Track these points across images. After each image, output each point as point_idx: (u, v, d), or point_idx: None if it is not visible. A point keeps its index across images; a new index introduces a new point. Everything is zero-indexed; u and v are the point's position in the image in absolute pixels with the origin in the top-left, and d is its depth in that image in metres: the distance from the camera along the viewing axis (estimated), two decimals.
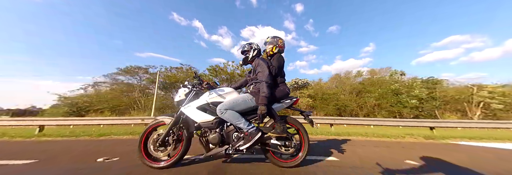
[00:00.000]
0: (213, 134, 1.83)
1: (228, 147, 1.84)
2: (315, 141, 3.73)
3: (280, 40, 2.36)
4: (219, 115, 1.77)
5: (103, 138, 4.37)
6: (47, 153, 2.68)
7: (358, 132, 5.39)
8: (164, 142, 1.88)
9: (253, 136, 1.74)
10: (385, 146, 3.53)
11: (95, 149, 2.96)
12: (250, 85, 2.11)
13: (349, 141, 3.97)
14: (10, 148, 3.23)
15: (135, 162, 1.98)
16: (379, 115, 20.57)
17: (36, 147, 3.27)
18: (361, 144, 3.65)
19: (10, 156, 2.50)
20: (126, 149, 2.85)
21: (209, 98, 1.95)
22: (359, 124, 6.59)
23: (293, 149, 1.93)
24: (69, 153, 2.70)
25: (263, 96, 1.74)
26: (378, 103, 21.72)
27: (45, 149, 3.03)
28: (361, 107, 22.58)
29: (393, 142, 4.09)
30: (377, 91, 22.53)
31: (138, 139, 1.92)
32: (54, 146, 3.27)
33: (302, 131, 2.05)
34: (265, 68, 1.91)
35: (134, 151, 2.05)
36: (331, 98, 23.31)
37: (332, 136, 4.74)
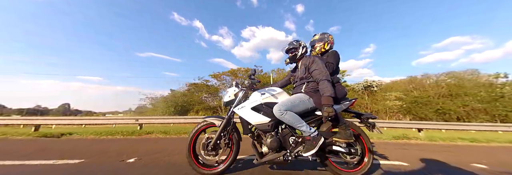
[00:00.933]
0: (270, 137, 1.66)
1: (286, 152, 1.66)
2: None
3: (330, 36, 2.20)
4: (279, 116, 1.61)
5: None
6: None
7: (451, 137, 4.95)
8: (216, 145, 1.74)
9: (317, 141, 1.56)
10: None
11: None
12: (300, 84, 1.94)
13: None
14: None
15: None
16: (475, 120, 18.05)
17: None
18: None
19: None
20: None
21: (262, 98, 1.80)
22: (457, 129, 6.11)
23: (358, 157, 1.72)
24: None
25: (328, 96, 1.56)
26: (484, 107, 18.96)
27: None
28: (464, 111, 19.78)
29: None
30: (479, 94, 19.84)
31: (186, 144, 1.80)
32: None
33: (363, 136, 1.84)
34: (322, 65, 1.74)
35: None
36: (431, 102, 20.81)
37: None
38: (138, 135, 4.59)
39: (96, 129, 5.83)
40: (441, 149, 3.58)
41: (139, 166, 2.03)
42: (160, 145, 3.28)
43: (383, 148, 3.37)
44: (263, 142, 1.74)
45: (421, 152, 3.18)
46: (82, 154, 2.55)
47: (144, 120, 6.51)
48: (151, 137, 4.46)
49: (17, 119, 6.56)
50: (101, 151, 2.75)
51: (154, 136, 4.57)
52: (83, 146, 3.16)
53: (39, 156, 2.38)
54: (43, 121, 6.07)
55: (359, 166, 1.74)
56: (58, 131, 5.15)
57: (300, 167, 2.02)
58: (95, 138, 4.25)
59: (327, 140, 1.68)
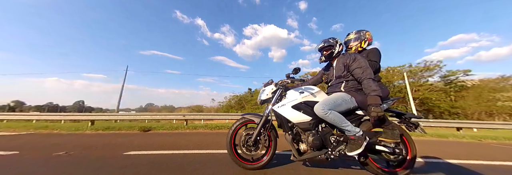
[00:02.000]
0: (312, 136, 1.68)
1: (327, 151, 1.68)
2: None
3: (368, 33, 2.11)
4: (322, 115, 1.61)
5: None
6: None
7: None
8: (255, 142, 1.81)
9: (362, 141, 1.55)
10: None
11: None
12: (338, 83, 1.89)
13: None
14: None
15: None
16: None
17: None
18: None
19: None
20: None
21: (301, 97, 1.80)
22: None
23: (402, 157, 1.69)
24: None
25: (375, 95, 1.52)
26: None
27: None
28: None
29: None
30: None
31: (227, 139, 1.87)
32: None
33: (406, 135, 1.79)
34: (365, 64, 1.69)
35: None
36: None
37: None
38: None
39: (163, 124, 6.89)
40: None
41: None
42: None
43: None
44: (302, 139, 1.77)
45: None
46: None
47: (190, 116, 7.32)
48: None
49: (76, 115, 7.49)
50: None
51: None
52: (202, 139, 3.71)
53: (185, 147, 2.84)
54: (97, 117, 6.93)
55: (402, 165, 1.71)
56: (108, 125, 5.83)
57: (335, 165, 2.03)
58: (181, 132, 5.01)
59: (371, 140, 1.66)
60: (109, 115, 7.30)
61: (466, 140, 5.02)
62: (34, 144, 3.04)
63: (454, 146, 3.93)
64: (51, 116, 7.21)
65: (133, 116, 7.64)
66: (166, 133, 4.76)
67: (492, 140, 5.17)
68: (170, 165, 1.93)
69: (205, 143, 3.20)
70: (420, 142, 4.17)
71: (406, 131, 1.83)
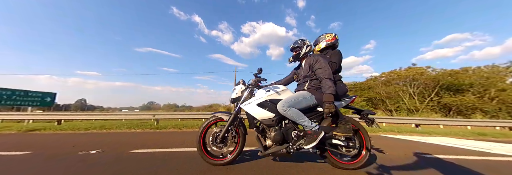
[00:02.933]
0: (274, 131, 1.81)
1: (288, 145, 1.80)
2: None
3: (328, 35, 2.28)
4: (282, 112, 1.74)
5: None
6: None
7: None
8: (223, 138, 1.90)
9: (317, 135, 1.68)
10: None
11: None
12: (303, 82, 2.04)
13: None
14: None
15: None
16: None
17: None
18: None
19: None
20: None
21: (267, 95, 1.93)
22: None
23: (356, 150, 1.84)
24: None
25: (329, 93, 1.67)
26: None
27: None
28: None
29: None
30: None
31: (197, 136, 1.96)
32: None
33: (362, 130, 1.95)
34: (325, 64, 1.84)
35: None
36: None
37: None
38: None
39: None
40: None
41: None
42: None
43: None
44: (267, 135, 1.89)
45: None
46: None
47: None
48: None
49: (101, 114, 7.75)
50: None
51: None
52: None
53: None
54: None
55: (357, 158, 1.87)
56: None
57: (301, 159, 2.16)
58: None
59: (327, 134, 1.80)
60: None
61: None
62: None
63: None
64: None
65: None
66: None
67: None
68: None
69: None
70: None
71: (363, 126, 1.99)
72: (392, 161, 2.21)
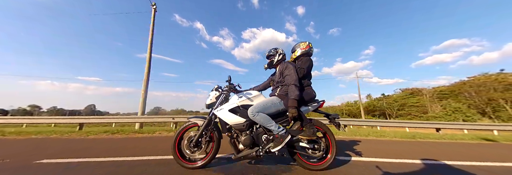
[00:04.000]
0: (245, 136, 1.90)
1: (258, 148, 1.90)
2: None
3: (303, 43, 2.42)
4: (251, 117, 1.85)
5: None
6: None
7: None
8: (197, 143, 1.98)
9: (283, 139, 1.80)
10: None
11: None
12: (276, 87, 2.17)
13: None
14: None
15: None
16: None
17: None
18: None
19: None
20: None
21: (239, 101, 2.04)
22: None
23: (322, 152, 1.96)
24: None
25: (293, 99, 1.79)
26: None
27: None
28: None
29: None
30: None
31: (172, 140, 2.03)
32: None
33: (329, 134, 2.08)
34: (292, 71, 1.97)
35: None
36: None
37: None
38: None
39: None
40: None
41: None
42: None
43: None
44: (239, 140, 1.98)
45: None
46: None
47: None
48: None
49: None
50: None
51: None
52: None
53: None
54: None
55: (323, 160, 1.99)
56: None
57: (274, 162, 2.26)
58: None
59: (295, 137, 1.92)
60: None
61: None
62: None
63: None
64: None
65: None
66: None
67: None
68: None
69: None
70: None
71: (330, 130, 2.12)
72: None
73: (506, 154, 3.26)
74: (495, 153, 3.38)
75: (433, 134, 6.50)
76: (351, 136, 5.08)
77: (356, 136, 5.18)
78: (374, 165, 2.23)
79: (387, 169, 2.08)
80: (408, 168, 2.17)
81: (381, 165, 2.24)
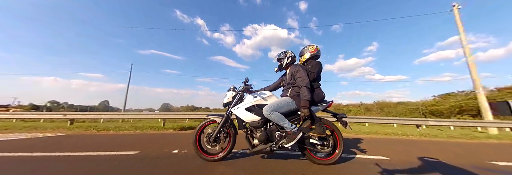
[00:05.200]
0: (260, 132, 2.09)
1: (272, 144, 2.09)
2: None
3: (311, 47, 2.57)
4: (266, 115, 2.03)
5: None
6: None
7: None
8: (216, 138, 2.18)
9: (296, 135, 1.97)
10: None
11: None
12: (287, 88, 2.34)
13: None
14: None
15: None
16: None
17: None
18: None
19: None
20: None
21: (254, 100, 2.22)
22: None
23: (330, 148, 2.13)
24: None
25: (305, 100, 1.96)
26: None
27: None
28: None
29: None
30: None
31: (193, 136, 2.23)
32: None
33: (337, 132, 2.25)
34: (304, 74, 2.13)
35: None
36: None
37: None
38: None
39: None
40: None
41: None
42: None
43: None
44: (254, 136, 2.17)
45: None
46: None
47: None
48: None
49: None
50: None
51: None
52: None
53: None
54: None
55: (331, 156, 2.16)
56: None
57: (285, 157, 2.45)
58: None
59: (305, 134, 2.09)
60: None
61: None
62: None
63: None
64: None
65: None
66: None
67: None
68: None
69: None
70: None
71: (338, 128, 2.29)
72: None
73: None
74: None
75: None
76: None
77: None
78: (376, 162, 2.39)
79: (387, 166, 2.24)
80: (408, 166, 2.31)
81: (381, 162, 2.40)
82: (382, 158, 2.57)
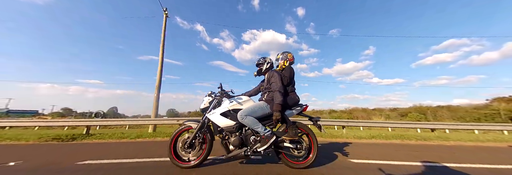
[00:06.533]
0: (234, 137, 2.11)
1: (246, 149, 2.10)
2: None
3: (289, 54, 2.69)
4: (240, 120, 2.06)
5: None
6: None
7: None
8: (191, 144, 2.17)
9: (269, 139, 2.01)
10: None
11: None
12: (264, 93, 2.41)
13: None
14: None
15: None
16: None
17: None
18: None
19: None
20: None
21: (230, 105, 2.25)
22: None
23: (304, 151, 2.17)
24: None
25: (277, 103, 2.02)
26: None
27: None
28: None
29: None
30: None
31: (168, 142, 2.21)
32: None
33: (311, 135, 2.30)
34: (278, 79, 2.21)
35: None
36: None
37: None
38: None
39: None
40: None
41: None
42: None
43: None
44: (229, 141, 2.18)
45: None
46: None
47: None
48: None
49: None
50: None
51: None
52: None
53: None
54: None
55: (305, 159, 2.20)
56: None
57: (263, 162, 2.45)
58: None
59: (279, 138, 2.13)
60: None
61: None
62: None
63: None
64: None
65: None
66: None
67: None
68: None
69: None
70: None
71: (312, 131, 2.35)
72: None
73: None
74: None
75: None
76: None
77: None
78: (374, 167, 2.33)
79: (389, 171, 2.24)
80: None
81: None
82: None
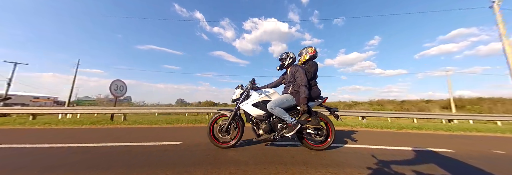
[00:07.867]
0: (264, 124, 2.47)
1: (275, 134, 2.49)
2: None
3: (311, 48, 2.86)
4: (270, 111, 2.39)
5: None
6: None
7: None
8: (227, 129, 2.57)
9: (295, 127, 2.36)
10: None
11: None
12: (288, 86, 2.68)
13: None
14: None
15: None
16: None
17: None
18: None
19: None
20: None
21: (260, 97, 2.57)
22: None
23: (324, 137, 2.54)
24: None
25: (303, 97, 2.31)
26: None
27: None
28: None
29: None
30: None
31: (207, 128, 2.62)
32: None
33: (330, 123, 2.64)
34: (302, 74, 2.45)
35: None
36: None
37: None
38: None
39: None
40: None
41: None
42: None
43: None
44: (259, 127, 2.56)
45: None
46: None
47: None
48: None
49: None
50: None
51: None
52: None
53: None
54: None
55: (323, 143, 2.58)
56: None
57: (285, 144, 2.87)
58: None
59: (303, 126, 2.48)
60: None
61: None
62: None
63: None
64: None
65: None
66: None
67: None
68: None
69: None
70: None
71: (331, 120, 2.68)
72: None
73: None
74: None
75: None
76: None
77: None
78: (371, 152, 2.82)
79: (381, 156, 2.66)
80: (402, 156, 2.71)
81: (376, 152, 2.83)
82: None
